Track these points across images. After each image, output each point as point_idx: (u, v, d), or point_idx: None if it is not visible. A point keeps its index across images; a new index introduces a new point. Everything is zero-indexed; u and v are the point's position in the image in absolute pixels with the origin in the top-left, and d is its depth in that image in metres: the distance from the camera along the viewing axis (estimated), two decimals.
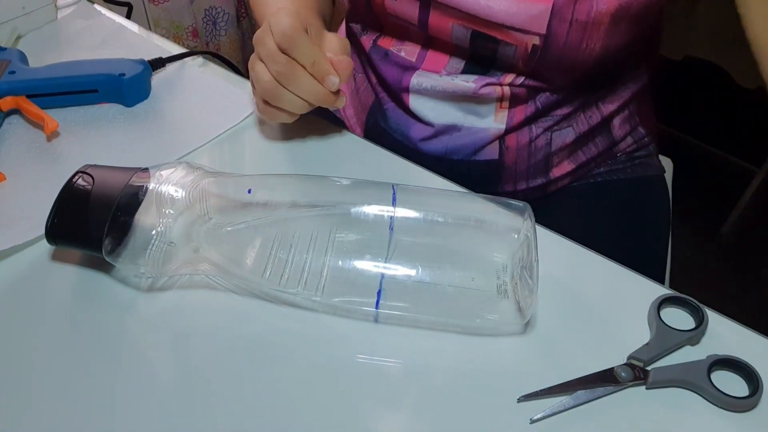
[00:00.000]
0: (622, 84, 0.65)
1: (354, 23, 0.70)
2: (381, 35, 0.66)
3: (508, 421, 0.38)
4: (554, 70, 0.58)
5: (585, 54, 0.55)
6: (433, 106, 0.62)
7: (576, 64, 0.57)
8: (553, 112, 0.63)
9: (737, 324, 0.43)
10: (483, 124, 0.62)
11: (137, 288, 0.45)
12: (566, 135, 0.64)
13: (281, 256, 0.42)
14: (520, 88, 0.60)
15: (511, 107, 0.61)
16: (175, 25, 1.41)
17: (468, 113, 0.62)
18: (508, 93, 0.60)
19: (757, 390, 0.38)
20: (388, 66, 0.64)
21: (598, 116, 0.65)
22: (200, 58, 0.70)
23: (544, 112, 0.62)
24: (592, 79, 0.61)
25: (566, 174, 0.67)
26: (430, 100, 0.62)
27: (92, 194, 0.43)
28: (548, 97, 0.61)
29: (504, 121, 0.62)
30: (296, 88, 0.51)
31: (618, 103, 0.65)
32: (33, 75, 0.61)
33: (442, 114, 0.62)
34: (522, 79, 0.59)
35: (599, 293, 0.45)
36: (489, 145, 0.63)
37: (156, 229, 0.42)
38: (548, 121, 0.63)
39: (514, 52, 0.57)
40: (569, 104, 0.63)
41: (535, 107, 0.61)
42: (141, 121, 0.60)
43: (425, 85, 0.61)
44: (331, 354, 0.41)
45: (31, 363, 0.40)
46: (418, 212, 0.43)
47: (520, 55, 0.57)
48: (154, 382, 0.40)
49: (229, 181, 0.46)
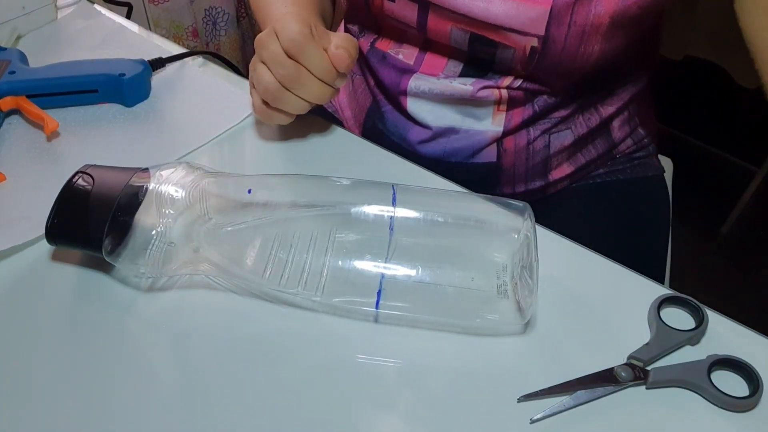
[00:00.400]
0: (622, 86, 0.65)
1: (352, 25, 0.70)
2: (379, 37, 0.66)
3: (508, 421, 0.38)
4: (552, 74, 0.58)
5: (583, 58, 0.55)
6: (431, 108, 0.62)
7: (574, 69, 0.56)
8: (551, 114, 0.62)
9: (737, 324, 0.43)
10: (481, 127, 0.62)
11: (137, 288, 0.45)
12: (564, 137, 0.64)
13: (281, 256, 0.42)
14: (517, 91, 0.60)
15: (508, 110, 0.61)
16: (175, 25, 1.41)
17: (466, 116, 0.62)
18: (506, 96, 0.60)
19: (757, 390, 0.38)
20: (385, 69, 0.64)
21: (597, 118, 0.65)
22: (200, 58, 0.70)
23: (542, 115, 0.62)
24: (590, 83, 0.61)
25: (565, 176, 0.67)
26: (428, 103, 0.62)
27: (92, 194, 0.43)
28: (546, 100, 0.61)
29: (502, 124, 0.61)
30: (302, 91, 0.51)
31: (617, 105, 0.65)
32: (33, 75, 0.60)
33: (439, 117, 0.62)
34: (520, 82, 0.59)
35: (599, 293, 0.45)
36: (487, 147, 0.63)
37: (156, 229, 0.42)
38: (546, 123, 0.63)
39: (513, 55, 0.57)
40: (567, 107, 0.62)
41: (533, 110, 0.61)
42: (141, 121, 0.60)
43: (423, 88, 0.61)
44: (331, 354, 0.41)
45: (31, 363, 0.40)
46: (418, 212, 0.43)
47: (518, 58, 0.57)
48: (154, 382, 0.40)
49: (229, 181, 0.46)
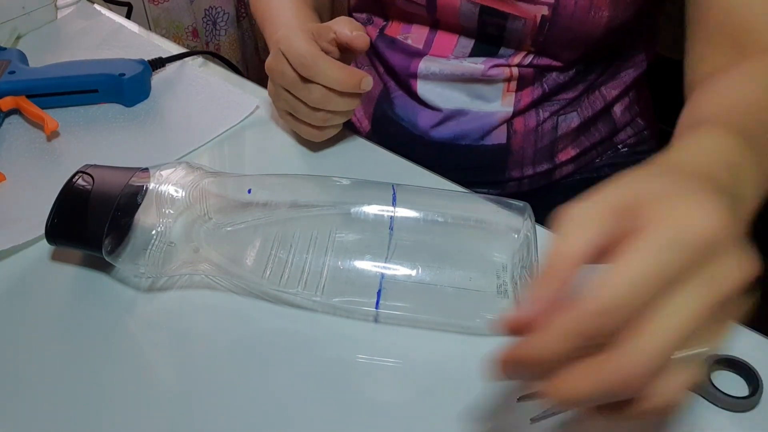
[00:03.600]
0: (624, 68, 0.66)
1: (359, 13, 0.70)
2: (387, 24, 0.66)
3: (508, 421, 0.38)
4: (562, 44, 0.58)
5: (593, 23, 0.56)
6: (441, 91, 0.63)
7: (584, 36, 0.57)
8: (559, 96, 0.63)
9: (737, 324, 0.43)
10: (490, 108, 0.62)
11: (137, 288, 0.45)
12: (571, 120, 0.65)
13: (281, 256, 0.42)
14: (527, 68, 0.60)
15: (518, 90, 0.62)
16: (175, 25, 1.41)
17: (475, 98, 0.62)
18: (516, 74, 0.61)
19: (757, 390, 0.38)
20: (395, 54, 0.65)
21: (601, 102, 0.66)
22: (200, 58, 0.70)
23: (550, 96, 0.63)
24: (596, 59, 0.62)
25: (570, 159, 0.67)
26: (438, 84, 0.63)
27: (92, 194, 0.43)
28: (554, 80, 0.62)
29: (511, 105, 0.62)
30: (333, 106, 0.52)
31: (619, 89, 0.66)
32: (33, 75, 0.61)
33: (449, 99, 0.63)
34: (531, 58, 0.60)
35: None
36: (497, 129, 0.64)
37: (156, 229, 0.42)
38: (554, 105, 0.64)
39: (523, 26, 0.57)
40: (574, 88, 0.63)
41: (542, 90, 0.62)
42: (141, 121, 0.60)
43: (433, 70, 0.62)
44: (331, 354, 0.41)
45: (31, 363, 0.40)
46: (418, 212, 0.43)
47: (528, 29, 0.57)
48: (154, 382, 0.39)
49: (229, 181, 0.46)
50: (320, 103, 0.51)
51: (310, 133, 0.55)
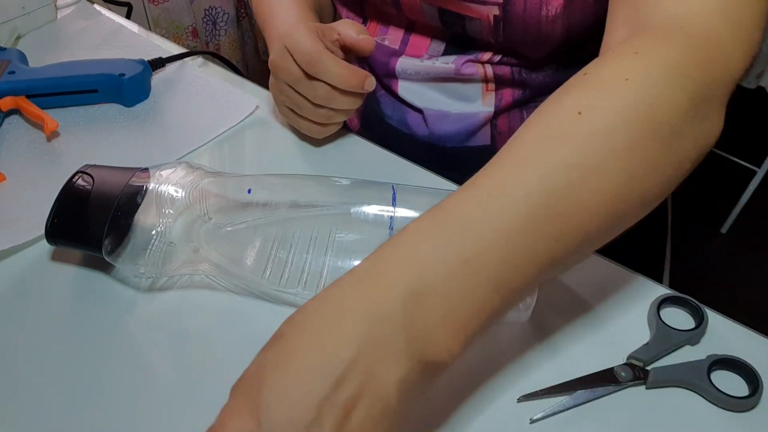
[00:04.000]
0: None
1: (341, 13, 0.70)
2: (365, 24, 0.66)
3: (508, 421, 0.38)
4: (524, 43, 0.58)
5: (548, 22, 0.55)
6: (422, 91, 0.63)
7: (542, 35, 0.56)
8: (543, 96, 0.63)
9: (737, 324, 0.43)
10: (472, 109, 0.62)
11: (137, 288, 0.45)
12: None
13: (281, 256, 0.42)
14: (499, 66, 0.60)
15: (497, 89, 0.61)
16: (175, 25, 1.41)
17: (456, 99, 0.62)
18: (490, 73, 0.60)
19: (757, 390, 0.38)
20: (374, 54, 0.65)
21: None
22: (200, 58, 0.70)
23: (534, 96, 0.62)
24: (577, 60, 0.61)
25: None
26: (418, 85, 0.63)
27: (92, 194, 0.43)
28: (537, 80, 0.61)
29: (492, 104, 0.62)
30: (337, 104, 0.52)
31: None
32: (33, 75, 0.61)
33: (431, 100, 0.63)
34: (500, 57, 0.59)
35: (599, 293, 0.45)
36: (481, 130, 0.63)
37: (156, 229, 0.42)
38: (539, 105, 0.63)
39: (480, 26, 0.57)
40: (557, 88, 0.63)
41: (525, 91, 0.62)
42: (141, 121, 0.60)
43: (409, 71, 0.62)
44: None
45: (31, 363, 0.40)
46: (418, 212, 0.43)
47: (485, 29, 0.57)
48: (154, 382, 0.39)
49: (229, 181, 0.46)
50: (324, 100, 0.52)
51: (310, 129, 0.55)
